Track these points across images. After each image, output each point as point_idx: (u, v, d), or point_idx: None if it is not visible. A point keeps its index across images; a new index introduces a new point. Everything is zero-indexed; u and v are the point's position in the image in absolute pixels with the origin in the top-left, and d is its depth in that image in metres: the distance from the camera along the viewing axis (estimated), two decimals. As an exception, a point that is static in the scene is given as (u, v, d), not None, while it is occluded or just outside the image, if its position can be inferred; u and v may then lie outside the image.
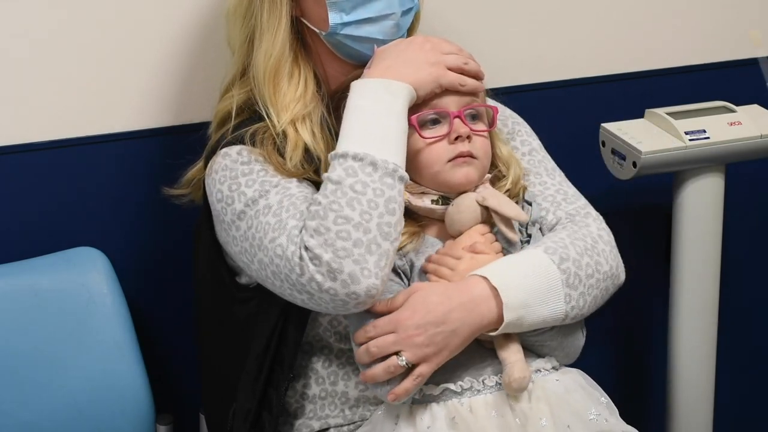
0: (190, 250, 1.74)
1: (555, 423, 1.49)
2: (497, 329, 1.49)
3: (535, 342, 1.55)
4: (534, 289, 1.50)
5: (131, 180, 1.88)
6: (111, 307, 1.76)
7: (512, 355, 1.51)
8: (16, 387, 1.70)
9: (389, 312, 1.50)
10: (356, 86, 1.54)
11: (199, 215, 1.69)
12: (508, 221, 1.55)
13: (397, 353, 1.47)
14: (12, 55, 1.77)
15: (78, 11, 1.79)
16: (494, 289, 1.49)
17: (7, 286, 1.73)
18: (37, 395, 1.71)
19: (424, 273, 1.57)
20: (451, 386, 1.51)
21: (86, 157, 1.84)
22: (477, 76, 1.59)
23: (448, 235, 1.59)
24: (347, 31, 1.60)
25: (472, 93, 1.59)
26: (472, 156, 1.56)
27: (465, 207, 1.56)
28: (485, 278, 1.50)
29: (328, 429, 1.63)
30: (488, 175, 1.61)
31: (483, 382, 1.53)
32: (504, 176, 1.64)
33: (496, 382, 1.53)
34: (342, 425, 1.63)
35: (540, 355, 1.57)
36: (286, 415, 1.64)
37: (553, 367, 1.57)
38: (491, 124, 1.61)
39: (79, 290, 1.75)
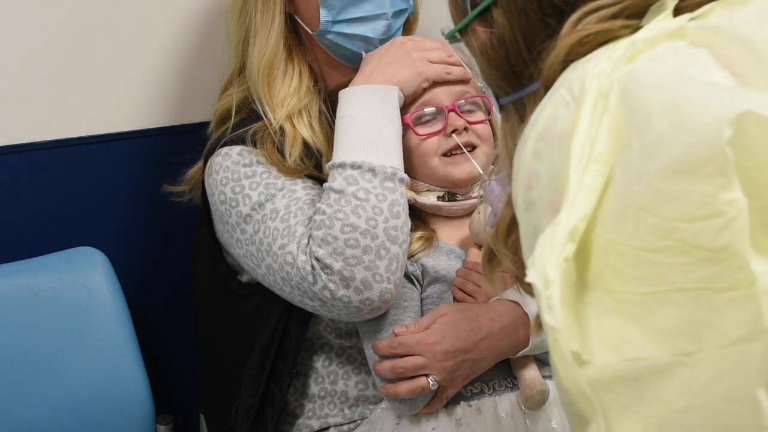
0: (190, 250, 1.74)
1: (564, 425, 1.49)
2: (519, 351, 1.50)
3: (546, 356, 1.55)
4: None
5: (131, 180, 1.88)
6: (111, 307, 1.76)
7: (530, 371, 1.52)
8: (16, 387, 1.69)
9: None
10: (344, 95, 1.55)
11: (199, 214, 1.69)
12: None
13: (425, 375, 1.48)
14: (12, 55, 1.77)
15: (78, 11, 1.79)
16: (525, 316, 1.49)
17: (7, 286, 1.72)
18: (37, 395, 1.70)
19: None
20: (462, 391, 1.52)
21: (86, 157, 1.84)
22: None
23: (463, 238, 1.58)
24: (338, 29, 1.60)
25: (462, 81, 1.59)
26: (472, 146, 1.56)
27: None
28: (516, 303, 1.50)
29: (328, 428, 1.64)
30: (492, 167, 1.61)
31: (493, 386, 1.53)
32: None
33: (506, 386, 1.53)
34: (342, 424, 1.63)
35: (547, 364, 1.57)
36: (286, 414, 1.64)
37: None
38: (488, 112, 1.61)
39: (79, 290, 1.75)
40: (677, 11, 0.91)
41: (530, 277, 0.81)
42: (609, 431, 0.80)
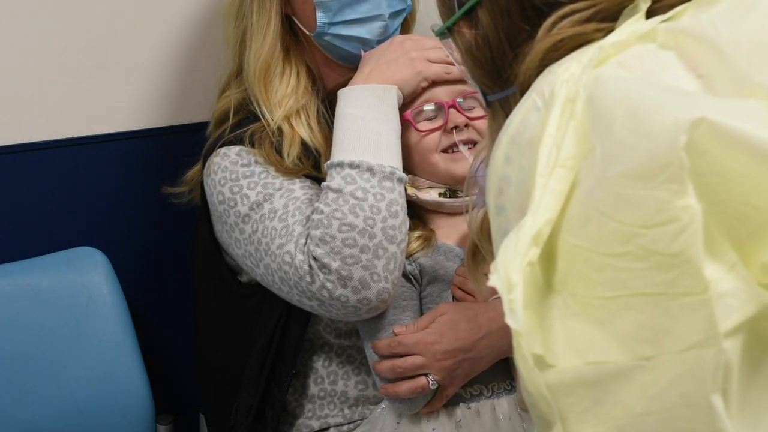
0: (190, 250, 1.74)
1: None
2: None
3: None
4: None
5: (131, 180, 1.88)
6: (111, 307, 1.76)
7: None
8: (16, 387, 1.70)
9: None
10: (343, 94, 1.55)
11: (198, 214, 1.69)
12: None
13: (425, 374, 1.48)
14: (12, 56, 1.77)
15: (78, 11, 1.79)
16: None
17: (7, 286, 1.72)
18: (37, 395, 1.70)
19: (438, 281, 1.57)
20: (461, 392, 1.52)
21: (86, 157, 1.84)
22: None
23: (461, 237, 1.58)
24: (335, 30, 1.60)
25: (461, 81, 1.59)
26: (473, 142, 1.56)
27: None
28: None
29: (327, 428, 1.64)
30: None
31: (492, 389, 1.53)
32: None
33: (504, 388, 1.53)
34: (342, 424, 1.63)
35: None
36: (286, 414, 1.65)
37: None
38: None
39: (79, 290, 1.75)
40: (650, 13, 0.91)
41: (492, 281, 0.82)
42: None
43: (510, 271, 0.81)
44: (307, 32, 1.62)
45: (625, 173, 0.78)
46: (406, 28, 1.69)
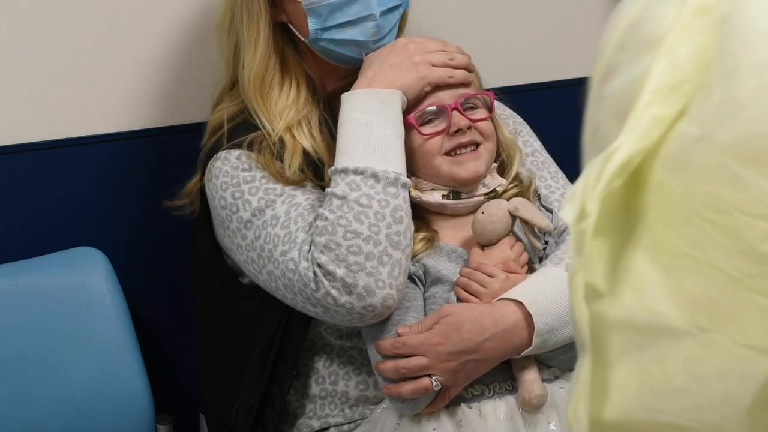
0: (190, 250, 1.73)
1: (563, 428, 1.49)
2: (522, 352, 1.50)
3: (546, 357, 1.55)
4: (559, 313, 1.50)
5: (131, 180, 1.87)
6: (111, 307, 1.76)
7: (529, 373, 1.52)
8: (16, 387, 1.70)
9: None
10: (346, 99, 1.54)
11: (198, 216, 1.68)
12: (534, 230, 1.56)
13: (428, 375, 1.48)
14: (12, 56, 1.76)
15: (78, 12, 1.79)
16: (528, 317, 1.49)
17: (7, 286, 1.72)
18: (37, 395, 1.70)
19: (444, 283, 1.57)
20: (463, 393, 1.52)
21: (86, 157, 1.84)
22: (466, 69, 1.59)
23: (464, 238, 1.58)
24: (328, 35, 1.59)
25: (464, 84, 1.59)
26: (475, 143, 1.56)
27: (499, 218, 1.54)
28: (520, 304, 1.50)
29: (328, 428, 1.64)
30: (494, 164, 1.61)
31: (493, 389, 1.53)
32: (509, 164, 1.64)
33: (506, 389, 1.53)
34: (342, 424, 1.63)
35: (546, 366, 1.57)
36: (286, 414, 1.64)
37: (556, 376, 1.57)
38: (490, 110, 1.61)
39: (79, 290, 1.75)
40: None
41: (565, 212, 0.75)
42: (603, 369, 0.76)
43: (587, 200, 0.74)
44: (303, 38, 1.61)
45: (735, 143, 0.70)
46: (399, 28, 1.68)
